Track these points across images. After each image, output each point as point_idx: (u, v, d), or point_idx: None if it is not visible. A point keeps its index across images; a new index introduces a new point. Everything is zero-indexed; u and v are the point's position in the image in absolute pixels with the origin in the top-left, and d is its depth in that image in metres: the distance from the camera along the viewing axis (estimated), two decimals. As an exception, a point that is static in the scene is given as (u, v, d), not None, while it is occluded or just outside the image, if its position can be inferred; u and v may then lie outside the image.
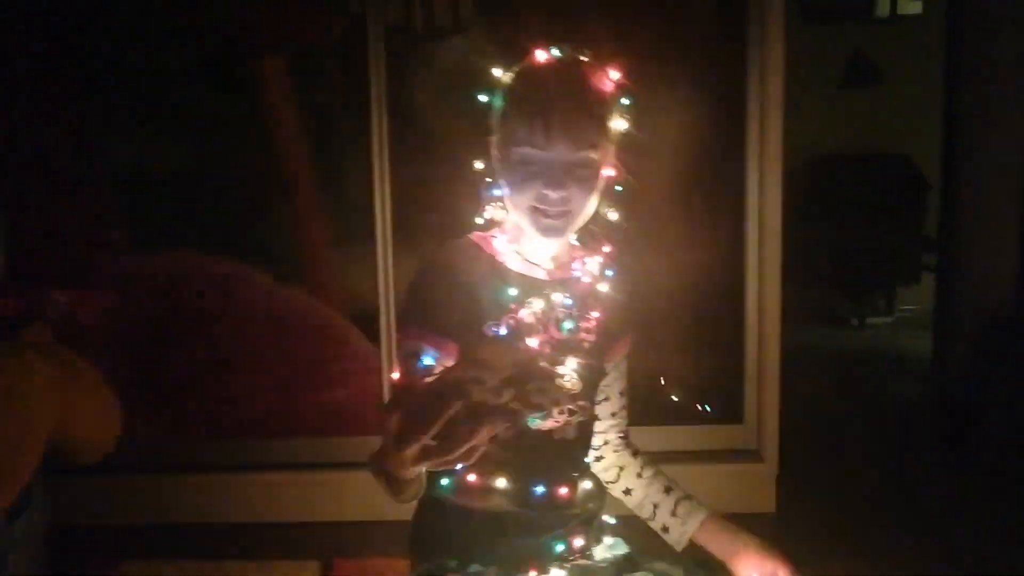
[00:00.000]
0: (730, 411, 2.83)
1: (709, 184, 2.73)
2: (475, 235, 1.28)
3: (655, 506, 1.34)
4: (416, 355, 1.16)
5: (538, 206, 1.17)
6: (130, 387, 2.67)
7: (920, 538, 2.59)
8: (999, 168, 3.38)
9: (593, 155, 1.17)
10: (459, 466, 0.85)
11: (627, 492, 1.38)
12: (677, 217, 2.68)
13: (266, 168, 2.77)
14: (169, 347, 2.77)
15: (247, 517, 2.70)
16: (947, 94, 3.62)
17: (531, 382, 0.82)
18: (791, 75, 2.66)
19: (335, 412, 2.78)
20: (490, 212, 1.27)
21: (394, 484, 1.01)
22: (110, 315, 2.72)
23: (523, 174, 1.17)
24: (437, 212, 2.71)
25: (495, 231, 1.28)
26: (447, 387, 0.82)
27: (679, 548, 1.32)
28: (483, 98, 1.23)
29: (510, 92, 1.20)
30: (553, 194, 1.16)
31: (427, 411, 0.81)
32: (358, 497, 2.65)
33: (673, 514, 1.32)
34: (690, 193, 2.72)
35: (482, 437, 0.81)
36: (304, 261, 2.81)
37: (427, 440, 0.81)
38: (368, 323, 2.76)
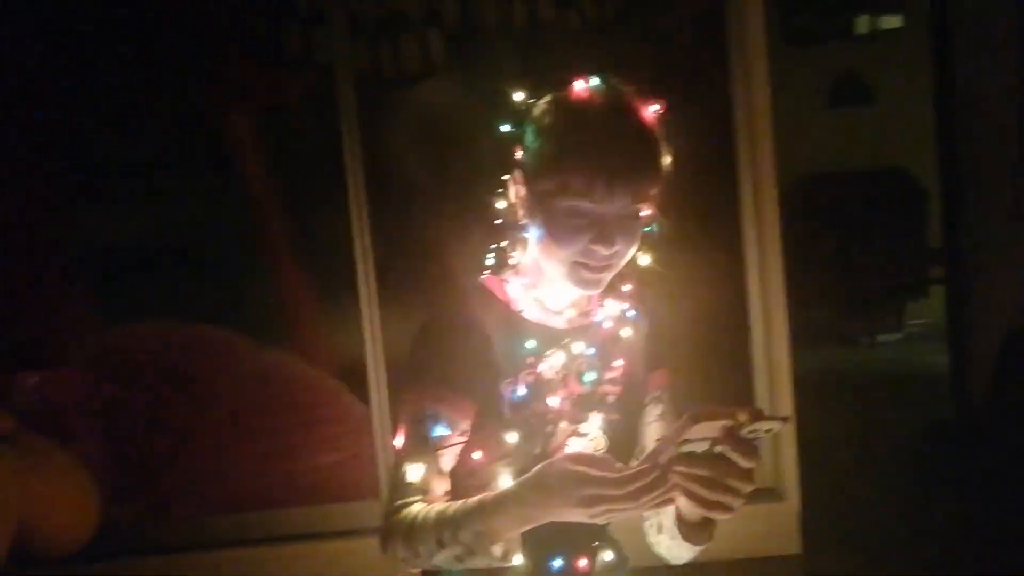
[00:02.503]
0: (743, 447, 2.69)
1: (704, 212, 2.65)
2: (487, 279, 1.15)
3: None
4: (434, 419, 1.04)
5: (581, 260, 1.04)
6: (109, 469, 2.56)
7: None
8: (996, 171, 3.31)
9: (647, 206, 1.06)
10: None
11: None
12: (672, 246, 2.59)
13: (241, 229, 2.69)
14: (149, 423, 2.65)
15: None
16: (936, 104, 3.57)
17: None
18: (779, 98, 2.62)
19: (327, 478, 2.66)
20: (508, 255, 1.14)
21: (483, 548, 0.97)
22: (85, 394, 2.61)
23: (570, 227, 1.03)
24: (421, 259, 2.62)
25: (509, 274, 1.15)
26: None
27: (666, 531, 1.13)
28: (506, 128, 1.09)
29: (552, 131, 1.05)
30: (605, 251, 1.03)
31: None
32: (355, 566, 2.51)
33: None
34: (684, 221, 2.63)
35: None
36: (286, 322, 2.71)
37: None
38: (356, 381, 2.64)
